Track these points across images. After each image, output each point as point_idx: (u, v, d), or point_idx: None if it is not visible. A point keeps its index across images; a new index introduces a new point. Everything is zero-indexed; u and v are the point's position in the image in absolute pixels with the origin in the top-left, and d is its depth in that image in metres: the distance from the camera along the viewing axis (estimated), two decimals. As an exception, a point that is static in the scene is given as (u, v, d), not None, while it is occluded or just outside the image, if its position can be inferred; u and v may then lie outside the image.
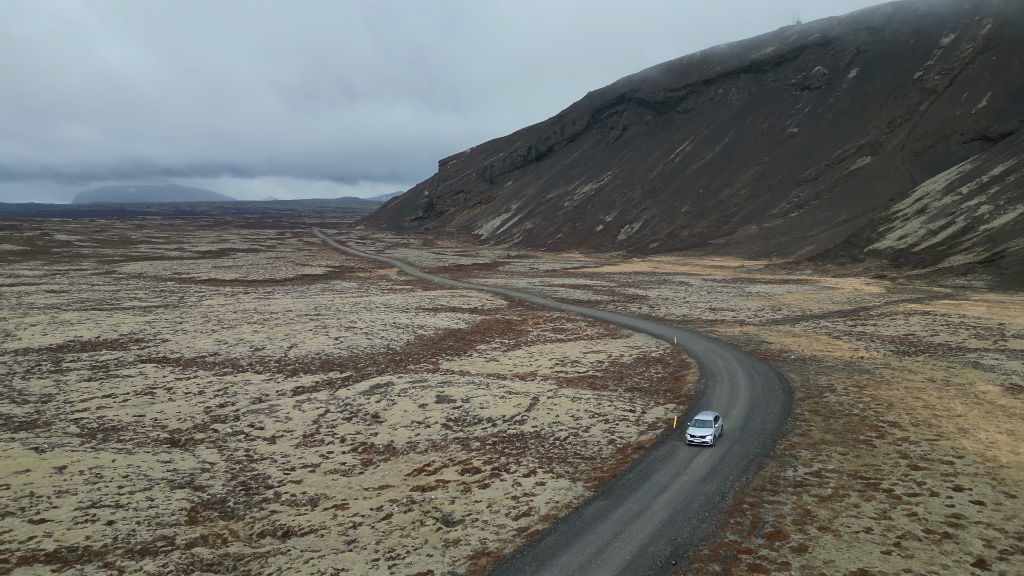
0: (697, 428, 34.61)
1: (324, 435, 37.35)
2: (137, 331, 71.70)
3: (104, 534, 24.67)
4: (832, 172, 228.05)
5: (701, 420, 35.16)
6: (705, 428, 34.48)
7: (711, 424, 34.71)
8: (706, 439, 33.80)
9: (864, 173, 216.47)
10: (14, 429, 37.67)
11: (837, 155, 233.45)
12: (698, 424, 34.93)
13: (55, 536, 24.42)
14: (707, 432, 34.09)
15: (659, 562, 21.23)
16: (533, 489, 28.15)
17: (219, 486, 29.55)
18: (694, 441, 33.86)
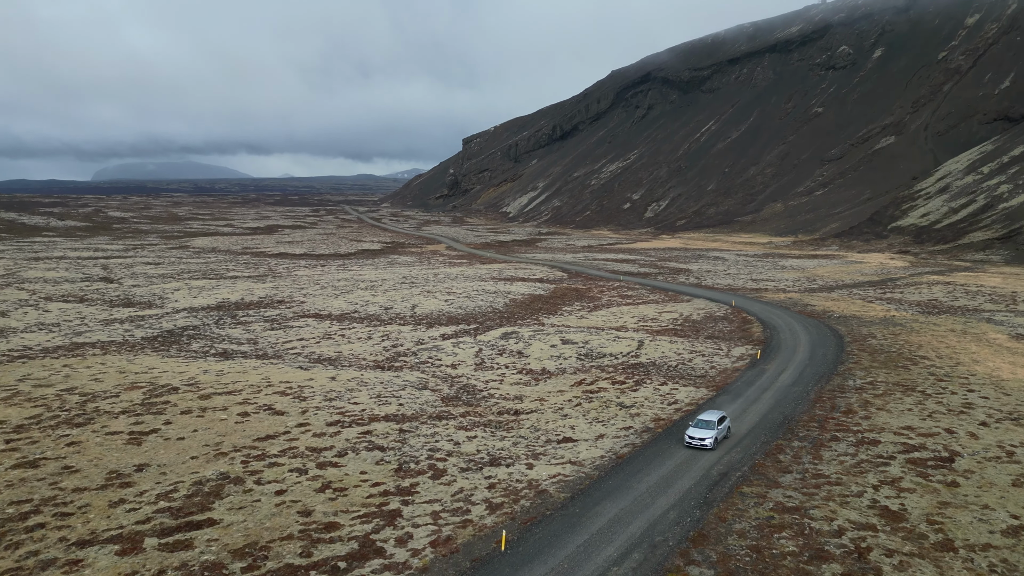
0: (697, 429, 30.65)
1: (489, 364, 49.66)
2: (270, 295, 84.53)
3: (401, 408, 37.06)
4: (856, 151, 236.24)
5: (703, 420, 31.20)
6: (706, 429, 30.52)
7: (714, 426, 30.68)
8: (705, 442, 29.85)
9: (888, 152, 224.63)
10: (261, 358, 50.35)
11: (861, 135, 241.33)
12: (699, 425, 30.99)
13: (375, 410, 36.79)
14: (708, 434, 30.15)
15: (776, 422, 33.44)
16: (671, 391, 40.31)
17: (447, 389, 41.94)
18: (692, 444, 30.09)
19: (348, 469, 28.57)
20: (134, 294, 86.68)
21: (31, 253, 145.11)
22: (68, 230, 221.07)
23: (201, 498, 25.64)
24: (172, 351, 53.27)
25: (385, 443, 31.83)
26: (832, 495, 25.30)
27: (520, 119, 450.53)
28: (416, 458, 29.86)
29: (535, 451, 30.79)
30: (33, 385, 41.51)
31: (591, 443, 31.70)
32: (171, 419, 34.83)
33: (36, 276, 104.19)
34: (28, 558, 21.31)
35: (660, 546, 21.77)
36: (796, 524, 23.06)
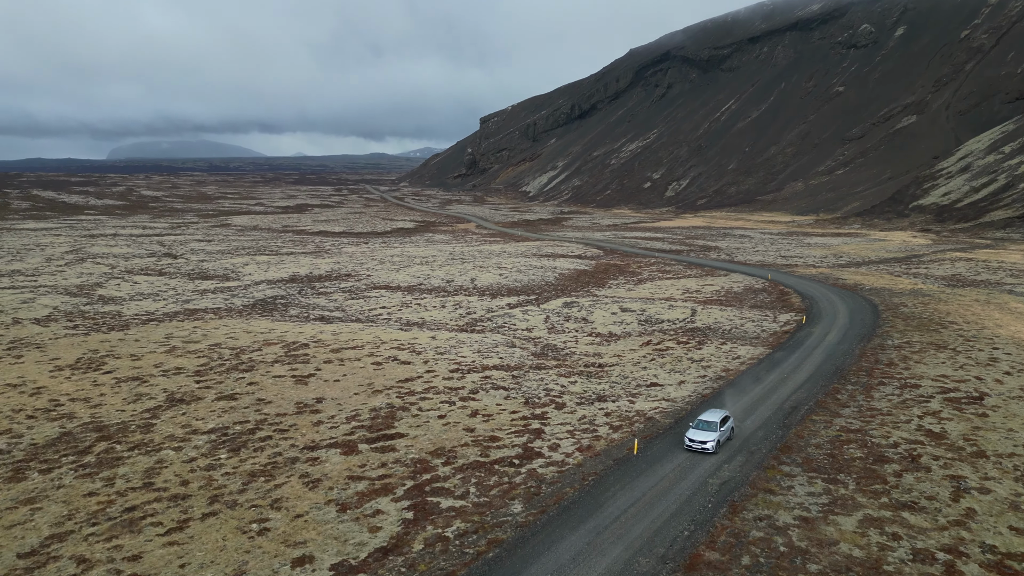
0: (697, 431, 28.28)
1: (560, 328, 55.97)
2: (335, 270, 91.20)
3: (503, 360, 43.53)
4: (877, 130, 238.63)
5: (705, 421, 28.76)
6: (707, 431, 28.11)
7: (716, 427, 28.23)
8: (706, 446, 27.52)
9: (909, 132, 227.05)
10: (358, 322, 56.97)
11: (883, 114, 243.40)
12: (700, 426, 28.60)
13: (483, 361, 43.32)
14: (709, 437, 27.76)
15: (829, 371, 39.67)
16: (732, 349, 46.54)
17: (533, 347, 48.35)
18: (692, 447, 27.80)
19: (485, 402, 35.11)
20: (207, 268, 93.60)
21: (83, 231, 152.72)
22: (107, 209, 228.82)
23: (382, 419, 32.29)
24: (276, 316, 60.04)
25: (505, 384, 38.33)
26: (885, 421, 31.52)
27: (537, 98, 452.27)
28: (536, 395, 36.34)
29: (631, 392, 37.19)
30: (183, 341, 48.38)
31: (675, 387, 38.04)
32: (319, 367, 41.54)
33: (102, 252, 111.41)
34: (275, 457, 28.03)
35: (756, 453, 28.15)
36: (859, 439, 29.35)
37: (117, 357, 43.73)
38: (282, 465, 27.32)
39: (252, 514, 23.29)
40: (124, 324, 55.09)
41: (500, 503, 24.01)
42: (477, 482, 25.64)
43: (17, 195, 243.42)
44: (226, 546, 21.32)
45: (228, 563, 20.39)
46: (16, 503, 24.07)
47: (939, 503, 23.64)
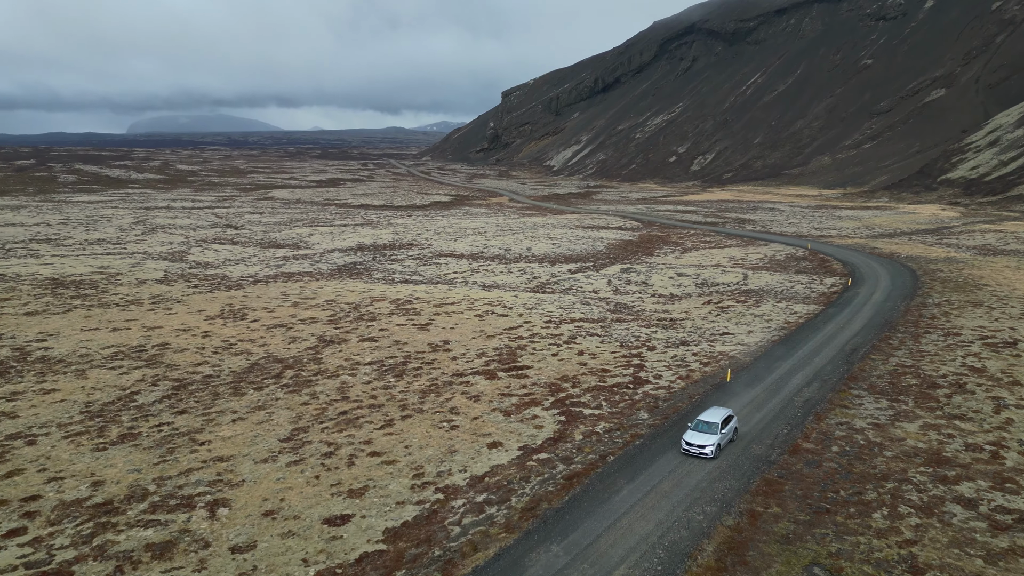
0: (696, 433, 26.19)
1: (624, 290, 61.85)
2: (396, 239, 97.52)
3: (585, 314, 49.59)
4: (906, 104, 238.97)
5: (705, 422, 26.56)
6: (706, 434, 26.01)
7: (716, 429, 26.14)
8: (705, 450, 25.42)
9: (938, 105, 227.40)
10: (440, 283, 63.21)
11: (911, 87, 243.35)
12: (699, 427, 26.46)
13: (569, 315, 49.41)
14: (708, 440, 25.67)
15: (879, 324, 45.34)
16: (787, 306, 52.26)
17: (606, 305, 54.37)
18: (689, 451, 25.62)
19: (585, 345, 41.32)
20: (275, 238, 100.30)
21: (136, 204, 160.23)
22: (149, 182, 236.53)
23: (506, 356, 38.66)
24: (365, 279, 66.49)
25: (596, 332, 44.49)
26: (934, 360, 37.29)
27: (560, 71, 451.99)
28: (627, 340, 42.48)
29: (708, 338, 43.21)
30: (300, 298, 55.06)
31: (745, 335, 43.98)
32: (431, 319, 47.94)
33: (166, 223, 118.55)
34: (434, 381, 34.53)
35: (828, 380, 34.18)
36: (913, 372, 35.20)
37: (253, 309, 50.44)
38: (442, 386, 33.74)
39: (438, 417, 29.73)
40: (237, 284, 61.85)
41: (629, 412, 30.26)
42: (604, 399, 31.91)
43: (61, 169, 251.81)
44: (431, 436, 27.78)
45: (440, 446, 26.84)
46: (251, 409, 30.71)
47: (983, 415, 29.52)
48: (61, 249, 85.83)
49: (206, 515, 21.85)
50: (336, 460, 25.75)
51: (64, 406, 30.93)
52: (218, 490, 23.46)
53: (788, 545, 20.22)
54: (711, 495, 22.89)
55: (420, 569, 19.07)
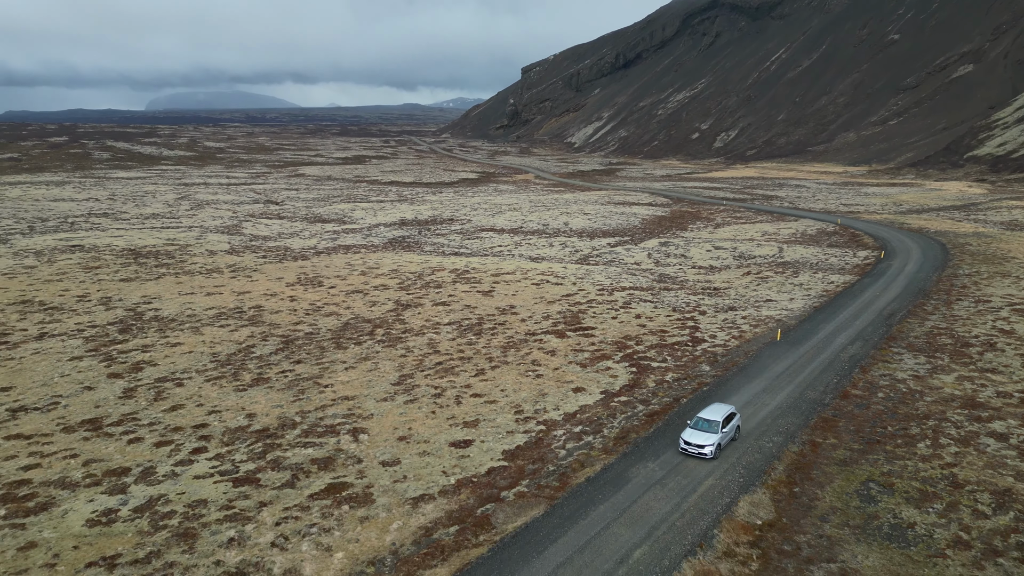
0: (695, 432, 24.92)
1: (664, 262, 65.22)
2: (436, 215, 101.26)
3: (634, 283, 53.09)
4: (933, 80, 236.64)
5: (705, 420, 25.27)
6: (706, 433, 24.76)
7: (717, 428, 24.86)
8: (704, 450, 24.23)
9: (965, 81, 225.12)
10: (488, 256, 67.00)
11: (938, 63, 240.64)
12: (700, 425, 25.17)
13: (619, 284, 52.98)
14: (708, 440, 24.41)
15: (914, 291, 48.53)
16: (824, 277, 55.45)
17: (650, 276, 57.86)
18: (687, 451, 24.45)
19: (640, 310, 45.00)
20: (319, 214, 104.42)
21: (175, 180, 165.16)
22: (181, 159, 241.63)
23: (570, 318, 42.50)
24: (417, 251, 70.42)
25: (648, 299, 48.13)
26: (966, 323, 40.57)
27: (580, 47, 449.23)
28: (679, 306, 46.11)
29: (753, 304, 46.70)
30: (366, 268, 59.17)
31: (788, 301, 47.39)
32: (492, 286, 51.83)
33: (210, 199, 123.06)
34: (510, 339, 38.49)
35: (869, 340, 37.68)
36: (947, 332, 38.56)
37: (327, 277, 54.66)
38: (519, 343, 37.68)
39: (523, 368, 33.70)
40: (301, 255, 66.11)
41: (692, 366, 34.01)
42: (668, 354, 35.67)
43: (94, 146, 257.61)
44: (521, 382, 31.76)
45: (531, 390, 30.81)
46: (357, 360, 34.89)
47: (1013, 369, 32.92)
48: (121, 223, 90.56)
49: (351, 439, 26.01)
50: (445, 400, 29.82)
51: (194, 356, 35.28)
52: (353, 421, 27.62)
53: (846, 467, 23.97)
54: (776, 428, 26.69)
55: (541, 479, 23.09)
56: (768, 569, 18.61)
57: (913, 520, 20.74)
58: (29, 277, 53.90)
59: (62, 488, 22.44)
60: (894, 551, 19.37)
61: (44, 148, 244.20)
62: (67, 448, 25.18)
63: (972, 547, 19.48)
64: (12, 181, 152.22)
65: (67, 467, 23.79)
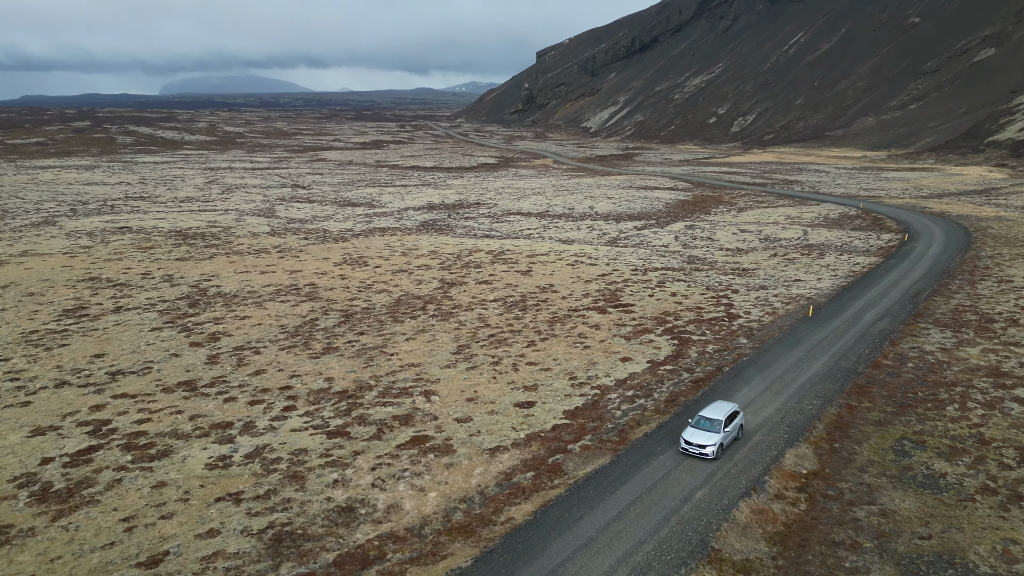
0: (697, 431, 24.17)
1: (691, 245, 67.12)
2: (463, 199, 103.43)
3: (665, 264, 55.17)
4: (954, 64, 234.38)
5: (707, 418, 24.49)
6: (708, 432, 24.00)
7: (719, 427, 24.08)
8: (705, 451, 23.54)
9: (987, 65, 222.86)
10: (520, 238, 69.18)
11: (960, 46, 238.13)
12: (701, 424, 24.41)
13: (650, 264, 55.04)
14: (709, 440, 23.67)
15: (938, 272, 50.34)
16: (849, 258, 57.20)
17: (679, 258, 59.81)
18: (688, 451, 23.77)
19: (675, 288, 47.14)
20: (347, 198, 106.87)
21: (199, 164, 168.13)
22: (202, 144, 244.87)
23: (608, 296, 44.74)
24: (450, 234, 72.73)
25: (681, 278, 50.26)
26: (989, 301, 42.40)
27: (595, 31, 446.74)
28: (711, 285, 48.19)
29: (784, 284, 48.69)
30: (405, 249, 61.61)
31: (816, 281, 49.33)
32: (529, 267, 54.11)
33: (238, 183, 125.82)
34: (554, 314, 40.85)
35: (897, 316, 39.67)
36: (972, 309, 40.45)
37: (370, 258, 57.17)
38: (563, 318, 40.02)
39: (570, 340, 36.06)
40: (340, 237, 68.67)
41: (730, 339, 36.22)
42: (706, 328, 37.89)
43: (117, 131, 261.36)
44: (571, 352, 34.14)
45: (581, 359, 33.19)
46: (415, 332, 37.41)
47: (1035, 343, 34.86)
48: (159, 206, 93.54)
49: (424, 400, 28.52)
50: (503, 367, 32.25)
51: (264, 328, 37.92)
52: (423, 385, 30.13)
53: (880, 426, 26.16)
54: (815, 393, 28.91)
55: (602, 434, 25.50)
56: (815, 509, 20.93)
57: (944, 471, 22.94)
58: (89, 256, 56.85)
59: (176, 439, 25.13)
60: (928, 496, 21.60)
61: (68, 133, 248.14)
62: (171, 406, 27.88)
63: (998, 493, 21.68)
64: (42, 165, 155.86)
65: (175, 421, 26.48)
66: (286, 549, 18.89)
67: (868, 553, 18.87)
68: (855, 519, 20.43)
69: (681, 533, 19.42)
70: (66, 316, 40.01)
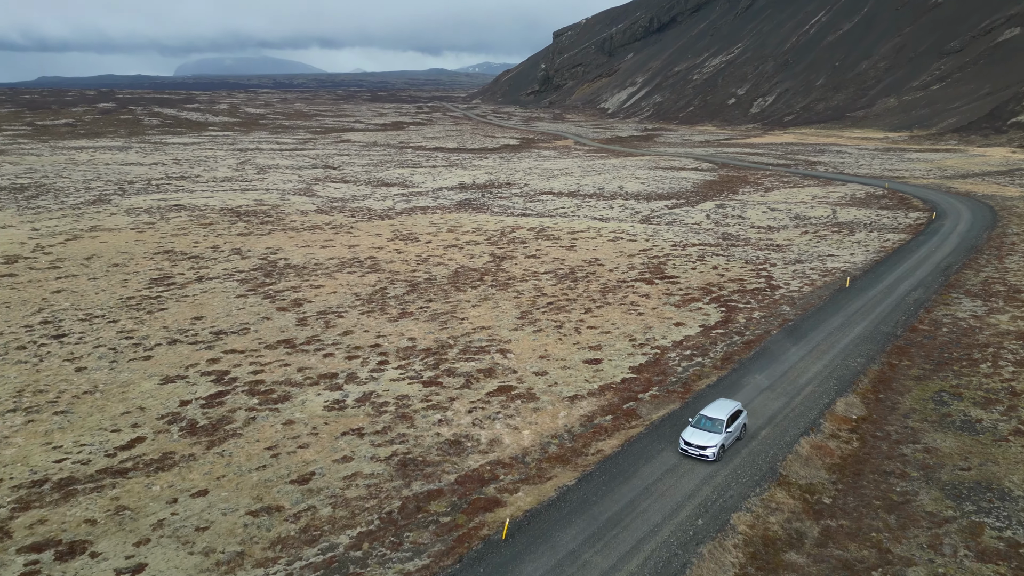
0: (697, 431, 23.37)
1: (723, 223, 69.44)
2: (493, 179, 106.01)
3: (701, 240, 57.70)
4: (977, 44, 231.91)
5: (708, 417, 23.67)
6: (708, 433, 23.18)
7: (721, 427, 23.24)
8: (706, 452, 22.73)
9: (1011, 45, 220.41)
10: (555, 216, 71.84)
11: (984, 26, 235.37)
12: (702, 423, 23.58)
13: (687, 240, 57.67)
14: (710, 441, 22.84)
15: (967, 248, 52.58)
16: (879, 236, 59.44)
17: (713, 235, 62.26)
18: (688, 452, 22.98)
19: (715, 263, 49.79)
20: (380, 178, 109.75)
21: (227, 145, 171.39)
22: (227, 125, 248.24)
23: (653, 269, 47.51)
24: (488, 213, 75.47)
25: (719, 253, 52.87)
26: (1017, 274, 44.76)
27: (613, 10, 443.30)
28: (750, 259, 50.77)
29: (818, 258, 51.17)
30: (451, 226, 64.55)
31: (849, 256, 51.76)
32: (572, 242, 56.88)
33: (269, 163, 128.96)
34: (604, 285, 43.70)
35: (930, 287, 42.20)
36: (1000, 281, 42.86)
37: (419, 234, 60.21)
38: (613, 288, 42.89)
39: (624, 308, 38.95)
40: (385, 215, 71.68)
41: (774, 307, 38.95)
42: (751, 298, 40.62)
43: (142, 112, 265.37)
44: (627, 318, 37.04)
45: (637, 324, 36.09)
46: (479, 300, 40.45)
47: (1061, 311, 37.28)
48: (201, 185, 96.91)
49: (501, 357, 31.61)
50: (566, 330, 35.24)
51: (340, 295, 41.12)
52: (497, 344, 33.21)
53: (920, 381, 28.91)
54: (858, 352, 31.69)
55: (668, 386, 28.46)
56: (866, 446, 23.80)
57: (980, 417, 25.69)
58: (156, 232, 60.31)
59: (290, 386, 28.38)
60: (966, 437, 24.39)
61: (95, 114, 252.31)
62: (277, 360, 31.15)
63: (1029, 435, 24.45)
64: (75, 146, 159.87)
65: (286, 372, 29.74)
66: (412, 471, 22.07)
67: (915, 480, 21.73)
68: (902, 454, 23.28)
69: (752, 462, 22.42)
70: (155, 284, 43.42)
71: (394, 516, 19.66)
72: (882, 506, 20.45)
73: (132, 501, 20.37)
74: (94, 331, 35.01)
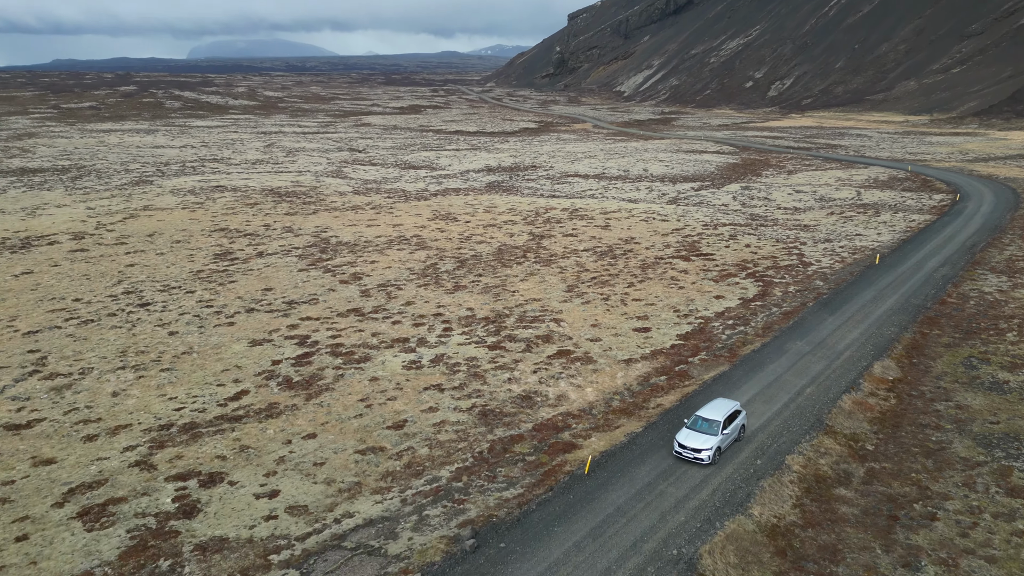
0: (692, 433, 22.31)
1: (750, 204, 71.18)
2: (518, 162, 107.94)
3: (732, 220, 59.66)
4: (999, 26, 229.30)
5: (704, 419, 22.58)
6: (704, 435, 22.08)
7: (717, 428, 22.19)
8: (700, 455, 21.75)
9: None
10: (585, 197, 73.88)
11: (1006, 8, 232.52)
12: (699, 425, 22.49)
13: (717, 221, 59.59)
14: (706, 444, 21.80)
15: (990, 228, 54.27)
16: (904, 216, 61.08)
17: (742, 215, 64.12)
18: (682, 455, 21.94)
19: (746, 241, 51.80)
20: (407, 161, 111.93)
21: (252, 128, 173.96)
22: (247, 108, 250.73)
23: (688, 246, 49.65)
24: (518, 195, 77.61)
25: (750, 232, 54.86)
26: (1040, 253, 46.50)
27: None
28: (781, 238, 52.77)
29: (846, 237, 53.06)
30: (486, 206, 66.83)
31: (876, 235, 53.59)
32: (606, 222, 59.02)
33: (296, 146, 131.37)
34: (642, 262, 45.87)
35: (956, 264, 44.13)
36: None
37: (458, 214, 62.56)
38: (651, 265, 45.11)
39: (665, 282, 41.21)
40: (420, 196, 74.04)
41: (808, 282, 41.05)
42: (785, 273, 42.74)
43: (163, 95, 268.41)
44: (668, 291, 39.32)
45: (679, 297, 38.36)
46: (526, 275, 42.87)
47: (1084, 287, 39.12)
48: (234, 167, 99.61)
49: (555, 325, 34.04)
50: (612, 302, 37.59)
51: (394, 270, 43.66)
52: (550, 314, 35.63)
53: (950, 348, 31.07)
54: (891, 322, 33.85)
55: (715, 351, 30.80)
56: (903, 403, 26.08)
57: (1007, 379, 27.85)
58: (206, 211, 63.10)
59: (368, 348, 31.00)
60: (994, 396, 26.59)
61: (117, 97, 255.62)
62: (351, 326, 33.78)
63: (1054, 395, 26.60)
64: (102, 129, 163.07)
65: (362, 336, 32.37)
66: (492, 420, 24.62)
67: (949, 432, 24.00)
68: (936, 410, 25.54)
69: (800, 415, 24.79)
70: (220, 259, 46.17)
71: (484, 455, 22.23)
72: (920, 452, 22.76)
73: (252, 442, 23.08)
74: (175, 300, 37.78)
